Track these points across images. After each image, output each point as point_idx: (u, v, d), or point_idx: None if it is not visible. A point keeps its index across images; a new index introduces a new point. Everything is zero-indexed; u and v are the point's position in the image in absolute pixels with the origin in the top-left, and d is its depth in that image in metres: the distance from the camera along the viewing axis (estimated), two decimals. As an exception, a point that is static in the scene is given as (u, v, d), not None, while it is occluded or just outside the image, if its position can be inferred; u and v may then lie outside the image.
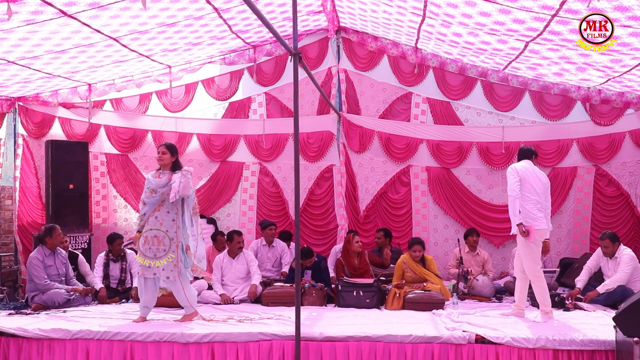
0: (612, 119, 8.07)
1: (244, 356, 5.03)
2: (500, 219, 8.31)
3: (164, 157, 5.70)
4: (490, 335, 4.94)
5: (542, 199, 5.65)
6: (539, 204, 5.61)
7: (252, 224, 8.81)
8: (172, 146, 5.80)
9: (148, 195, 5.63)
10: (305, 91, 8.50)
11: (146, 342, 5.13)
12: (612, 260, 6.45)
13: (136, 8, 5.46)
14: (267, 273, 7.53)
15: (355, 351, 4.95)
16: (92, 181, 8.49)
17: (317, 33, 8.51)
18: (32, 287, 6.47)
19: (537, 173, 5.72)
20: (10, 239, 7.93)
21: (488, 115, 8.51)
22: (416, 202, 8.60)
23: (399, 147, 8.56)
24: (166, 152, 5.71)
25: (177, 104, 8.72)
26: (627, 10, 4.64)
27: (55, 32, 5.62)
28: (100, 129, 8.54)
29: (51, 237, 6.62)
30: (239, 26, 7.13)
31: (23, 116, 7.92)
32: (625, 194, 8.08)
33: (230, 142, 8.85)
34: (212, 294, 6.80)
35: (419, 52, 8.29)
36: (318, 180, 8.71)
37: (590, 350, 4.78)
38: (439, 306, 6.19)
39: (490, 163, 8.40)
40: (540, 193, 5.64)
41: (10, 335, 5.30)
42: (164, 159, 5.71)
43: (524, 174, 5.62)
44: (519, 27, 5.70)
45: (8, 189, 7.98)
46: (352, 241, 7.23)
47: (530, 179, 5.62)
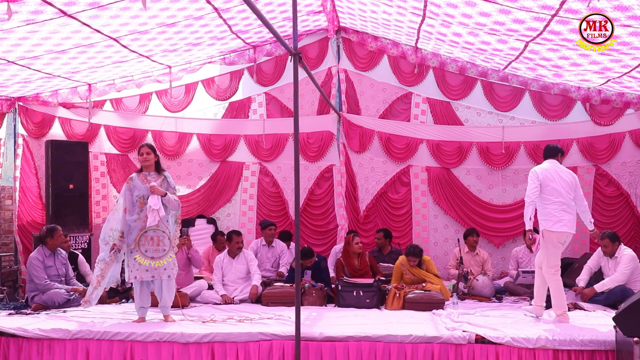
0: (612, 119, 8.07)
1: (244, 356, 5.03)
2: (500, 219, 8.32)
3: (149, 158, 5.64)
4: (490, 335, 4.94)
5: (569, 199, 5.49)
6: (564, 204, 5.46)
7: (252, 224, 8.81)
8: (153, 146, 5.80)
9: (138, 207, 5.52)
10: (305, 91, 8.50)
11: (146, 342, 5.13)
12: (612, 260, 6.45)
13: (136, 8, 5.45)
14: (266, 273, 7.53)
15: (355, 351, 4.95)
16: (92, 181, 8.47)
17: (317, 33, 8.51)
18: (32, 287, 6.47)
19: (561, 173, 5.57)
20: (10, 239, 7.92)
21: (488, 115, 8.51)
22: (416, 202, 8.60)
23: (399, 147, 8.56)
24: (150, 152, 5.66)
25: (177, 104, 8.72)
26: (627, 10, 4.64)
27: (55, 32, 5.62)
28: (100, 129, 8.53)
29: (52, 238, 6.62)
30: (239, 26, 7.13)
31: (23, 116, 7.91)
32: (625, 194, 8.08)
33: (230, 142, 8.85)
34: (212, 294, 6.79)
35: (419, 52, 8.30)
36: (318, 180, 8.71)
37: (590, 350, 4.78)
38: (439, 306, 6.19)
39: (490, 163, 8.40)
40: (566, 194, 5.48)
41: (10, 335, 5.29)
42: (149, 160, 5.64)
43: (544, 178, 5.48)
44: (519, 27, 5.70)
45: (8, 189, 7.97)
46: (352, 242, 7.23)
47: (552, 182, 5.48)
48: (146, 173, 5.68)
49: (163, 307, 5.69)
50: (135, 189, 5.59)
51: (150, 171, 5.68)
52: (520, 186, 8.36)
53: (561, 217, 5.44)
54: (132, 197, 5.60)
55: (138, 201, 5.57)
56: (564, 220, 5.45)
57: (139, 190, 5.58)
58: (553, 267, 5.53)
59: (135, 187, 5.59)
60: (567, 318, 5.46)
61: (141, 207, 5.55)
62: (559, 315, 5.46)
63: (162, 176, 5.69)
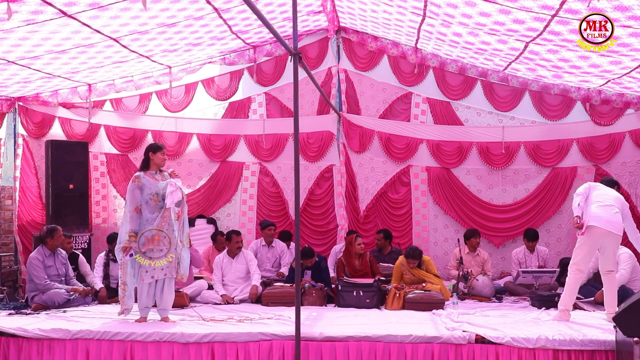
0: (612, 119, 8.07)
1: (244, 356, 5.03)
2: (500, 219, 8.32)
3: (165, 158, 5.77)
4: (490, 335, 4.93)
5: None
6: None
7: (252, 224, 8.81)
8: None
9: (153, 204, 5.56)
10: (305, 91, 8.50)
11: (146, 342, 5.13)
12: (612, 260, 6.43)
13: (136, 8, 5.45)
14: (266, 273, 7.53)
15: (355, 351, 4.94)
16: (92, 181, 8.48)
17: (317, 33, 8.51)
18: (32, 287, 6.47)
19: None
20: (10, 239, 7.92)
21: (488, 115, 8.51)
22: (416, 202, 8.60)
23: (399, 147, 8.56)
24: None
25: (177, 104, 8.72)
26: (627, 10, 4.64)
27: (55, 32, 5.62)
28: (100, 129, 8.53)
29: (52, 238, 6.62)
30: (239, 26, 7.13)
31: (23, 116, 7.92)
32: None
33: (230, 142, 8.85)
34: (212, 294, 6.80)
35: (419, 52, 8.29)
36: (318, 180, 8.71)
37: (590, 350, 4.77)
38: (439, 306, 6.19)
39: (490, 163, 8.40)
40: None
41: (10, 335, 5.29)
42: (166, 160, 5.79)
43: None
44: (519, 27, 5.70)
45: (8, 189, 7.98)
46: (355, 243, 7.22)
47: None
48: (152, 172, 5.71)
49: (162, 309, 5.66)
50: (145, 187, 5.61)
51: (155, 170, 5.72)
52: (520, 186, 8.37)
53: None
54: (143, 196, 5.60)
55: (152, 199, 5.58)
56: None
57: (151, 187, 5.60)
58: (574, 262, 5.63)
59: (145, 185, 5.61)
60: (565, 317, 5.54)
61: (155, 203, 5.56)
62: (560, 312, 5.57)
63: (164, 174, 5.78)
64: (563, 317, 5.51)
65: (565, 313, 5.53)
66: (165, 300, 5.66)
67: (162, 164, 5.78)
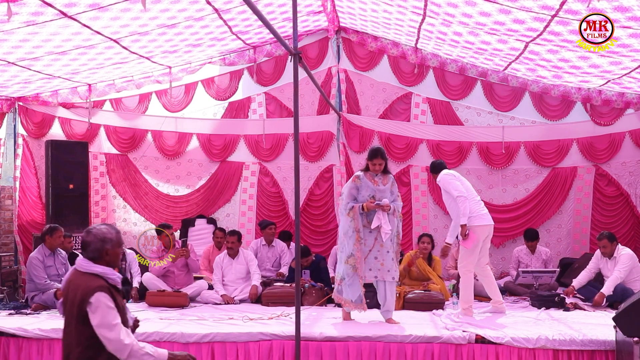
0: (612, 119, 8.07)
1: (244, 356, 5.03)
2: (500, 219, 8.27)
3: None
4: (490, 335, 4.94)
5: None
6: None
7: (252, 224, 8.80)
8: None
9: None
10: (305, 91, 8.49)
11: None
12: (611, 261, 6.44)
13: (136, 9, 5.45)
14: (266, 273, 7.53)
15: (355, 351, 4.95)
16: (92, 181, 8.48)
17: (317, 33, 8.50)
18: (32, 287, 6.47)
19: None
20: (10, 239, 7.93)
21: (488, 115, 8.50)
22: (416, 202, 8.60)
23: (399, 147, 8.56)
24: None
25: (176, 103, 8.71)
26: (627, 11, 4.65)
27: (55, 33, 5.62)
28: (100, 129, 8.53)
29: (51, 237, 6.61)
30: (239, 27, 7.13)
31: (23, 116, 7.92)
32: (625, 194, 8.08)
33: (230, 142, 8.84)
34: (212, 294, 6.80)
35: (419, 52, 8.29)
36: (318, 180, 8.71)
37: (590, 350, 4.78)
38: (439, 306, 6.19)
39: (490, 163, 8.40)
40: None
41: (10, 335, 5.29)
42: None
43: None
44: (519, 27, 5.70)
45: (8, 189, 7.98)
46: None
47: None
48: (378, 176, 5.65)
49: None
50: (369, 189, 5.59)
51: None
52: (520, 186, 8.37)
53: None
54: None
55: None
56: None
57: (370, 190, 5.58)
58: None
59: (370, 188, 5.59)
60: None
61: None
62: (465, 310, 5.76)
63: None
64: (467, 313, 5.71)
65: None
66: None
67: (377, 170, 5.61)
